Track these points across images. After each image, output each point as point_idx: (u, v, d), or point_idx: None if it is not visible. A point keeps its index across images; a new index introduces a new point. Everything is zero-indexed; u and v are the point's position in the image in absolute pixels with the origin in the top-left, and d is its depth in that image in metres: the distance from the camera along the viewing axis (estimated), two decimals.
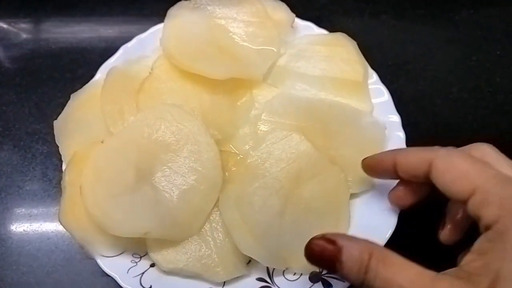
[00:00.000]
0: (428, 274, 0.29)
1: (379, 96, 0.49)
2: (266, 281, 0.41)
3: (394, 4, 0.63)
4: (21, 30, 0.61)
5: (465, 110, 0.56)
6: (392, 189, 0.41)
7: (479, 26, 0.62)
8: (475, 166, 0.32)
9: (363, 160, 0.41)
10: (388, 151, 0.40)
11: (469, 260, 0.30)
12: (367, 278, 0.31)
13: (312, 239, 0.34)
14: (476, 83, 0.58)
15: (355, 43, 0.50)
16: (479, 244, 0.30)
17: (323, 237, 0.33)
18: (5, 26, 0.62)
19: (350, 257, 0.31)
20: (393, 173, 0.38)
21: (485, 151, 0.35)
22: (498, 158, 0.34)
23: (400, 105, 0.48)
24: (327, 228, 0.40)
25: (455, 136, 0.53)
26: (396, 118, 0.47)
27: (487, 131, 0.54)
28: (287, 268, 0.42)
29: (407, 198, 0.40)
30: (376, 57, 0.51)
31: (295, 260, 0.41)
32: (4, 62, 0.59)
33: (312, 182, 0.42)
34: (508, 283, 0.27)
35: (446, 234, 0.39)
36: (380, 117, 0.47)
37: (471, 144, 0.36)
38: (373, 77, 0.50)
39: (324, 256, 0.33)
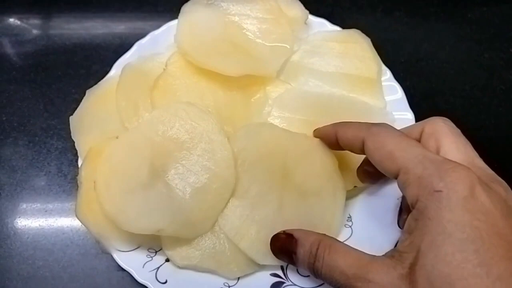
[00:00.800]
0: (366, 257, 0.32)
1: (393, 93, 0.49)
2: (280, 277, 0.42)
3: (407, 1, 0.63)
4: (34, 26, 0.62)
5: (477, 107, 0.56)
6: (359, 166, 0.42)
7: (492, 23, 0.62)
8: (400, 146, 0.33)
9: (313, 132, 0.43)
10: (331, 124, 0.40)
11: (401, 240, 0.32)
12: (316, 266, 0.34)
13: (274, 235, 0.39)
14: (489, 81, 0.57)
15: (369, 40, 0.51)
16: (407, 223, 0.32)
17: (284, 232, 0.38)
18: (18, 22, 0.62)
19: (302, 247, 0.35)
20: (338, 146, 0.39)
21: (437, 125, 0.36)
22: (447, 132, 0.35)
23: (413, 102, 0.48)
24: (328, 205, 0.42)
25: (468, 134, 0.53)
26: (409, 115, 0.47)
27: (500, 128, 0.54)
28: None
29: (373, 174, 0.41)
30: (389, 54, 0.52)
31: None
32: (18, 58, 0.59)
33: (300, 165, 0.42)
34: (426, 256, 0.28)
35: (404, 220, 0.39)
36: (394, 114, 0.47)
37: (427, 119, 0.37)
38: (387, 74, 0.50)
39: (283, 248, 0.38)
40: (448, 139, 0.34)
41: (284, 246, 0.37)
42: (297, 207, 0.41)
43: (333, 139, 0.40)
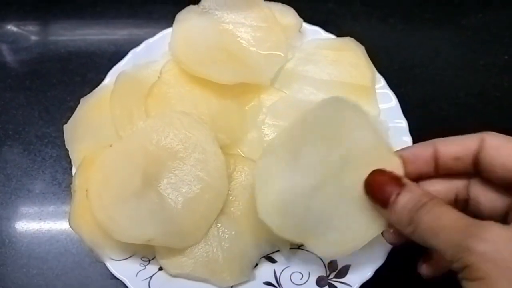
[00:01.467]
0: (483, 221, 0.29)
1: (387, 101, 0.49)
2: (273, 285, 0.42)
3: (402, 8, 0.64)
4: (30, 34, 0.62)
5: (472, 114, 0.56)
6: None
7: (487, 30, 0.62)
8: None
9: (397, 152, 0.38)
10: (425, 142, 0.37)
11: None
12: (419, 214, 0.31)
13: (375, 171, 0.35)
14: (483, 88, 0.58)
15: (363, 47, 0.51)
16: None
17: (388, 173, 0.35)
18: (15, 29, 0.63)
19: (410, 192, 0.33)
20: (430, 165, 0.36)
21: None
22: None
23: (407, 109, 0.49)
24: (362, 222, 0.37)
25: None
26: (403, 123, 0.47)
27: None
28: (299, 247, 0.42)
29: (398, 236, 0.37)
30: (384, 61, 0.52)
31: (316, 241, 0.38)
32: (14, 65, 0.59)
33: (361, 171, 0.36)
34: None
35: (426, 268, 0.38)
36: (388, 122, 0.47)
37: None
38: (381, 81, 0.50)
39: (385, 185, 0.34)
40: None
41: (387, 184, 0.34)
42: (330, 204, 0.37)
43: (427, 157, 0.36)
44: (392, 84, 0.50)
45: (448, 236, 0.29)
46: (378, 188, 0.35)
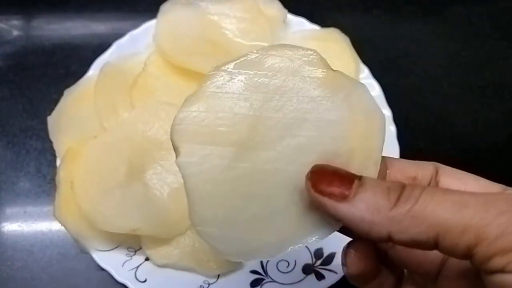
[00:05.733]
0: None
1: (370, 91, 0.49)
2: (259, 273, 0.42)
3: (386, 0, 0.64)
4: (13, 27, 0.61)
5: (455, 104, 0.56)
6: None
7: (469, 21, 0.63)
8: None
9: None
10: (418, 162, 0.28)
11: None
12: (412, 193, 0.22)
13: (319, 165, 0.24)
14: (466, 78, 0.58)
15: (347, 38, 0.51)
16: None
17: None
18: None
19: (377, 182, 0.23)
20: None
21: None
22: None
23: (391, 99, 0.49)
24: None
25: (445, 130, 0.54)
26: (387, 112, 0.48)
27: (476, 125, 0.55)
28: None
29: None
30: (368, 52, 0.52)
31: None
32: None
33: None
34: None
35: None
36: None
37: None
38: (364, 71, 0.51)
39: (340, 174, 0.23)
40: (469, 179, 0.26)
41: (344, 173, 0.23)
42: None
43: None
44: (376, 74, 0.51)
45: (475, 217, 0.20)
46: (332, 176, 0.23)
